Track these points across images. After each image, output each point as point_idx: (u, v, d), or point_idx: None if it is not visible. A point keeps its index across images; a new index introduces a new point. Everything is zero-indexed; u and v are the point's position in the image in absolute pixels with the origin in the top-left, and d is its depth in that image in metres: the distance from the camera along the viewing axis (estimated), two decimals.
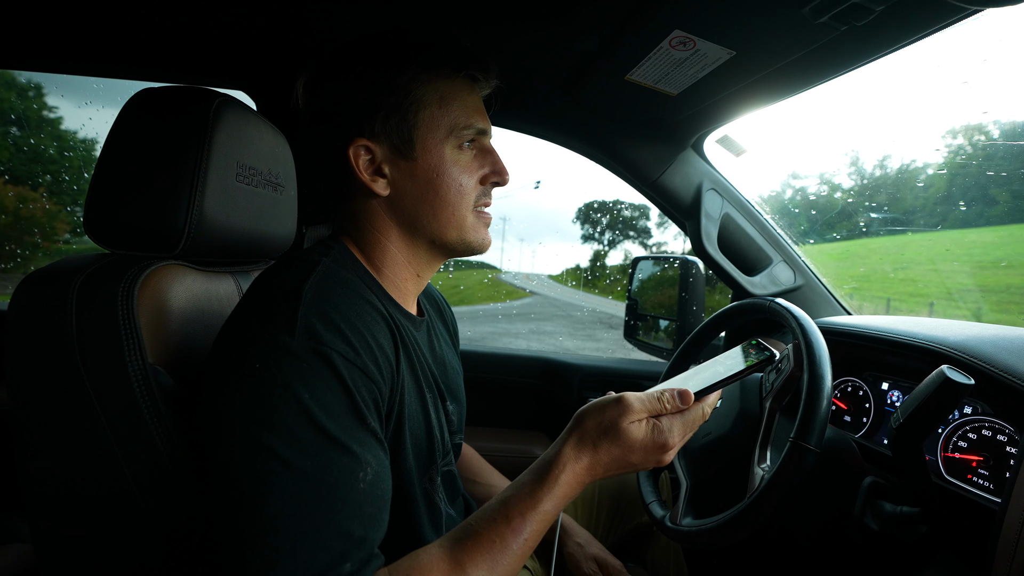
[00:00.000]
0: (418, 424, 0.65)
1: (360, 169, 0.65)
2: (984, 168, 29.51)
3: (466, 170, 0.67)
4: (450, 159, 0.66)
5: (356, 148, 0.64)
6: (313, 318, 0.53)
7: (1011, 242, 17.22)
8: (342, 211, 0.70)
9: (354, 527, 0.49)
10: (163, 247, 0.65)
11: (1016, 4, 0.56)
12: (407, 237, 0.69)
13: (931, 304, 14.83)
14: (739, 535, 0.71)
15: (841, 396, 1.14)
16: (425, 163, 0.65)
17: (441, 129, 0.65)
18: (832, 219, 32.67)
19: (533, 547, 0.56)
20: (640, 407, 0.59)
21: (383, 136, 0.64)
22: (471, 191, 0.68)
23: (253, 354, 0.52)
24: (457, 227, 0.68)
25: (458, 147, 0.67)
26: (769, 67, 0.85)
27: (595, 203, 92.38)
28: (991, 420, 0.86)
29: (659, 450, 0.59)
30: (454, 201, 0.66)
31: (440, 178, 0.65)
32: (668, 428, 0.59)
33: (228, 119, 0.68)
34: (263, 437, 0.49)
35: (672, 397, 0.60)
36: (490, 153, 0.70)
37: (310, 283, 0.56)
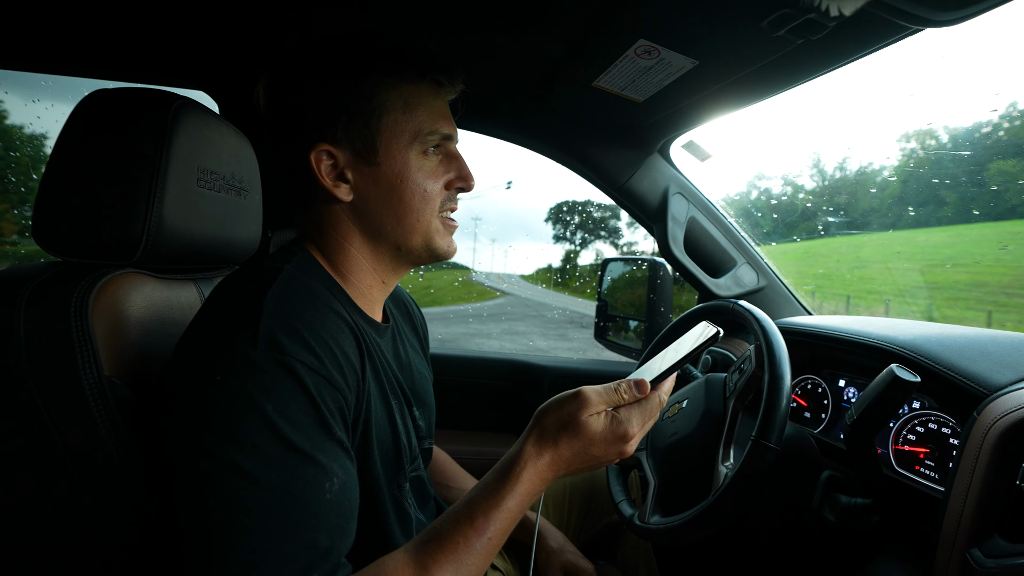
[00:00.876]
0: (384, 431, 0.65)
1: (322, 174, 0.63)
2: (933, 173, 30.99)
3: (431, 175, 0.67)
4: (414, 164, 0.65)
5: (318, 153, 0.63)
6: (275, 328, 0.52)
7: (958, 242, 18.17)
8: (305, 216, 0.69)
9: (320, 538, 0.49)
10: (119, 255, 0.63)
11: (951, 25, 0.60)
12: (371, 243, 0.68)
13: (887, 301, 15.52)
14: (704, 532, 0.73)
15: (801, 393, 1.18)
16: (389, 169, 0.64)
17: (405, 134, 0.64)
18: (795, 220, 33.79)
19: (499, 545, 0.56)
20: (598, 399, 0.60)
21: (345, 141, 0.63)
22: (436, 196, 0.67)
23: (214, 366, 0.51)
24: (422, 233, 0.67)
25: (423, 152, 0.66)
26: (731, 77, 0.88)
27: (567, 204, 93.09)
28: (936, 414, 0.90)
29: (620, 441, 0.59)
30: (418, 207, 0.66)
31: (404, 184, 0.65)
32: (627, 419, 0.60)
33: (188, 123, 0.66)
34: (225, 451, 0.48)
35: (629, 387, 0.61)
36: (456, 158, 0.70)
37: (272, 292, 0.55)
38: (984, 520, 0.65)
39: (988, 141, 23.94)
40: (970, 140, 26.86)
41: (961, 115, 50.00)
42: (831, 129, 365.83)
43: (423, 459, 0.78)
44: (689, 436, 0.88)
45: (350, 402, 0.57)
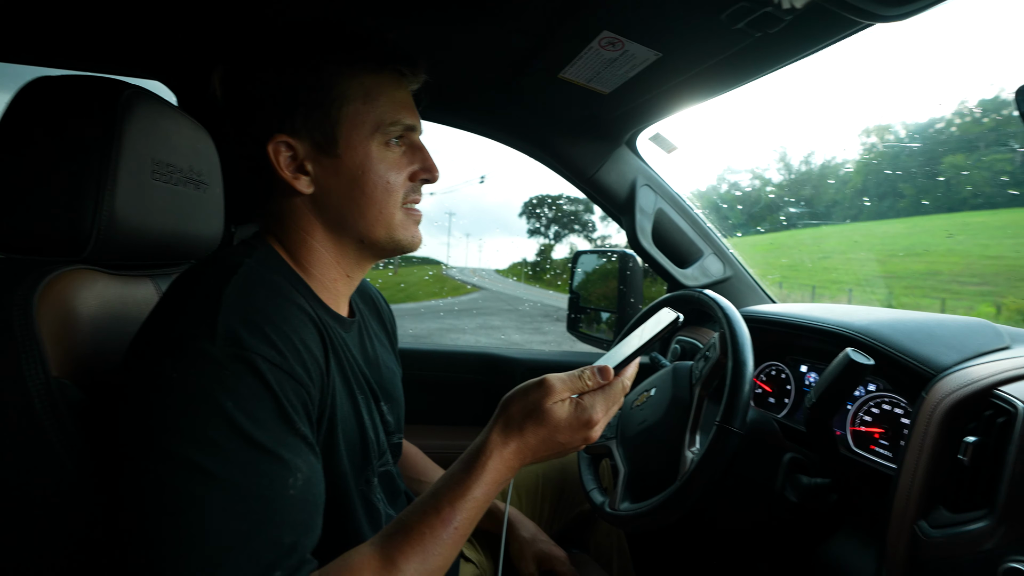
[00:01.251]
0: (351, 427, 0.64)
1: (281, 166, 0.62)
2: (891, 167, 32.20)
3: (393, 167, 0.66)
4: (376, 156, 0.64)
5: (276, 145, 0.62)
6: (235, 323, 0.51)
7: (915, 232, 18.98)
8: (266, 210, 0.67)
9: (284, 535, 0.48)
10: (68, 250, 0.60)
11: (899, 20, 0.62)
12: (334, 236, 0.67)
13: (850, 290, 16.12)
14: (672, 516, 0.74)
15: (766, 379, 1.21)
16: (350, 160, 0.63)
17: (366, 125, 0.63)
18: (761, 212, 34.64)
19: (466, 535, 0.56)
20: (562, 387, 0.60)
21: (304, 132, 0.62)
22: (399, 188, 0.66)
23: (170, 362, 0.49)
24: (385, 225, 0.66)
25: (385, 144, 0.65)
26: (694, 69, 0.89)
27: (540, 197, 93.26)
28: (890, 395, 0.95)
29: (584, 427, 0.60)
30: (381, 199, 0.65)
31: (366, 175, 0.64)
32: (591, 405, 0.60)
33: (140, 112, 0.64)
34: (184, 450, 0.47)
35: (593, 373, 0.62)
36: (420, 150, 0.69)
37: (231, 286, 0.54)
38: (930, 493, 0.68)
39: (941, 136, 25.04)
40: (924, 135, 28.09)
41: (917, 111, 52.80)
42: (797, 124, 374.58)
43: (392, 454, 0.77)
44: (657, 423, 0.90)
45: (314, 397, 0.56)
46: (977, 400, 0.68)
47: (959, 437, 0.67)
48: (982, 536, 0.59)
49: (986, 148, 17.14)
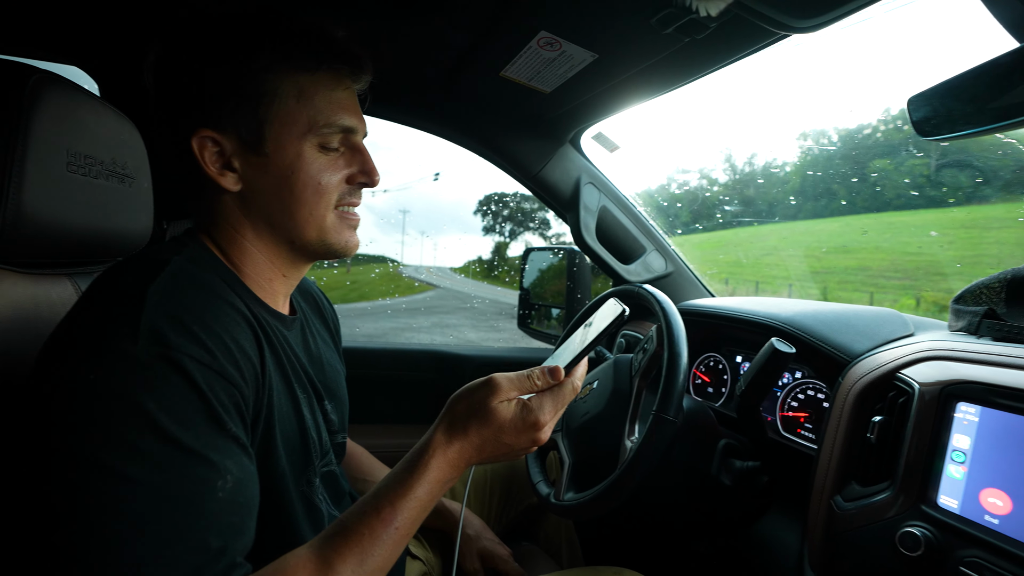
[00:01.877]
0: (290, 426, 0.63)
1: (206, 162, 0.60)
2: (827, 168, 34.17)
3: (327, 169, 0.63)
4: (308, 157, 0.62)
5: (201, 139, 0.59)
6: (160, 322, 0.49)
7: (848, 231, 20.28)
8: (197, 206, 0.65)
9: (211, 539, 0.47)
10: None
11: (811, 31, 0.67)
12: (265, 236, 0.64)
13: (790, 285, 17.02)
14: (613, 503, 0.77)
15: (705, 370, 1.27)
16: (279, 159, 0.61)
17: (298, 125, 0.61)
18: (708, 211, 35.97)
19: (408, 535, 0.56)
20: (509, 386, 0.59)
21: (231, 128, 0.59)
22: (332, 190, 0.64)
23: (88, 364, 0.47)
24: (316, 228, 0.64)
25: (319, 145, 0.62)
26: (629, 71, 0.92)
27: (495, 195, 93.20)
28: (813, 381, 1.01)
29: (532, 428, 0.59)
30: (311, 200, 0.63)
31: (295, 175, 0.61)
32: (538, 406, 0.59)
33: (51, 100, 0.60)
34: (102, 455, 0.44)
35: (542, 374, 0.61)
36: (359, 152, 0.66)
37: (157, 284, 0.52)
38: (845, 470, 0.74)
39: (868, 142, 26.88)
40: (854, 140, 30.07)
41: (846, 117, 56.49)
42: (741, 127, 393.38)
43: (336, 454, 0.76)
44: (599, 415, 0.92)
45: (248, 397, 0.55)
46: (883, 383, 0.74)
47: (868, 417, 0.73)
48: (885, 506, 0.64)
49: (906, 153, 18.65)
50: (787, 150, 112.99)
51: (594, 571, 0.89)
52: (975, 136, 0.58)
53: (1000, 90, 0.53)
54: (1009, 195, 12.32)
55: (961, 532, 0.57)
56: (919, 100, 0.60)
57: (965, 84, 0.56)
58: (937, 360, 0.69)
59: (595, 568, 0.90)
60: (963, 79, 0.56)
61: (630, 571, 0.89)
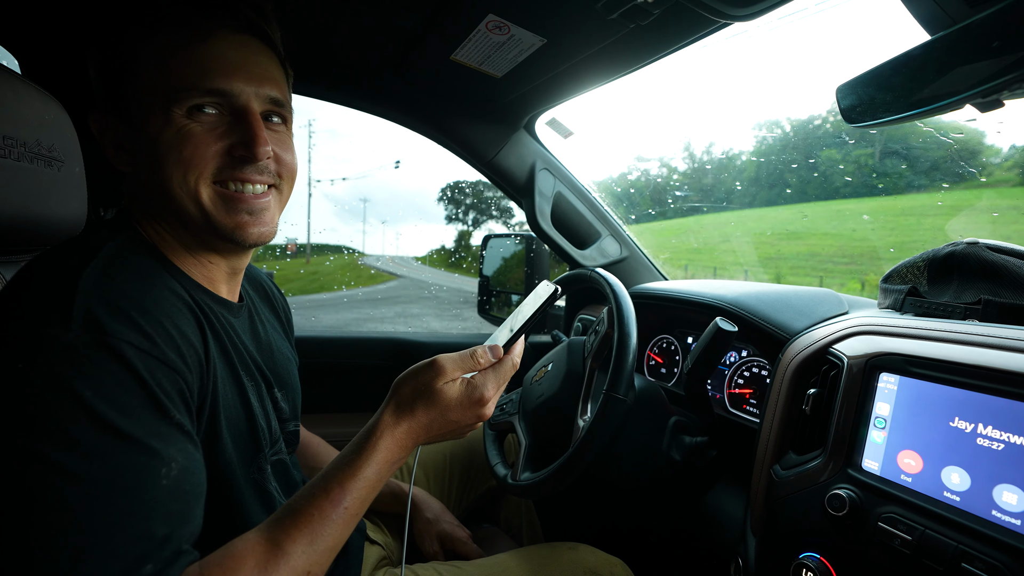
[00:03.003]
0: (236, 414, 0.62)
1: (104, 144, 0.60)
2: (780, 157, 35.37)
3: (192, 138, 0.57)
4: (173, 127, 0.56)
5: (95, 123, 0.60)
6: (95, 308, 0.47)
7: (799, 218, 21.14)
8: (124, 190, 0.64)
9: (155, 527, 0.46)
10: None
11: (748, 20, 0.69)
12: (163, 217, 0.61)
13: (746, 271, 17.65)
14: (567, 480, 0.79)
15: (658, 351, 1.31)
16: (146, 133, 0.57)
17: (158, 94, 0.56)
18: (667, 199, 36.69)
19: (358, 515, 0.56)
20: (453, 367, 0.61)
21: (112, 108, 0.59)
22: (200, 163, 0.57)
23: (15, 353, 0.45)
24: (193, 204, 0.58)
25: (187, 113, 0.56)
26: (578, 56, 0.93)
27: (457, 183, 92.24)
28: (756, 359, 1.06)
29: (477, 404, 0.62)
30: (177, 174, 0.57)
31: (157, 148, 0.57)
32: (482, 383, 0.62)
33: None
34: (33, 445, 0.43)
35: (484, 352, 0.64)
36: (241, 120, 0.58)
37: (90, 269, 0.50)
38: (782, 441, 0.78)
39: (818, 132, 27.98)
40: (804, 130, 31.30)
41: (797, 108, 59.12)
42: (699, 117, 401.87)
43: (287, 442, 0.75)
44: (554, 396, 0.94)
45: (192, 384, 0.54)
46: (817, 357, 0.78)
47: (804, 390, 0.77)
48: (817, 471, 0.69)
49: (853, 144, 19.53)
50: (743, 140, 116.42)
51: (550, 547, 0.92)
52: (896, 123, 0.62)
53: (915, 80, 0.56)
54: (933, 183, 13.12)
55: (881, 491, 0.61)
56: (846, 88, 0.63)
57: (886, 74, 0.59)
58: (864, 335, 0.73)
59: (551, 544, 0.93)
60: (884, 69, 0.59)
61: (585, 546, 0.92)
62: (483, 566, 0.87)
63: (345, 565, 0.78)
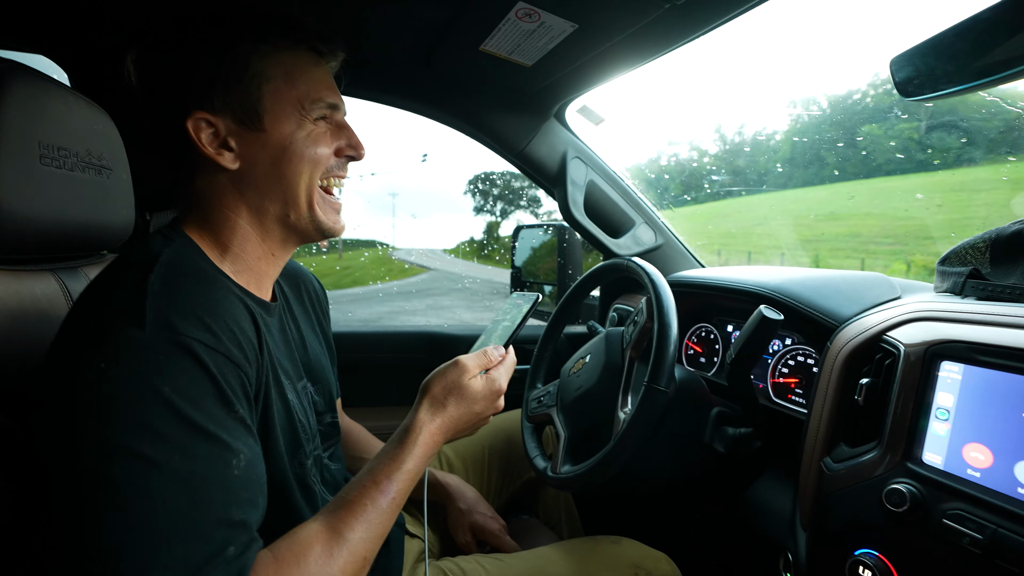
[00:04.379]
0: (280, 409, 0.64)
1: (203, 143, 0.62)
2: (817, 135, 33.98)
3: (318, 142, 0.67)
4: (303, 131, 0.66)
5: (196, 121, 0.62)
6: (165, 309, 0.51)
7: (838, 198, 20.31)
8: (185, 193, 0.66)
9: (233, 512, 0.49)
10: None
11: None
12: (258, 213, 0.67)
13: (782, 255, 17.10)
14: (608, 473, 0.78)
15: (697, 340, 1.28)
16: (277, 133, 0.64)
17: (290, 102, 0.65)
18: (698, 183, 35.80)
19: (401, 503, 0.62)
20: (473, 365, 0.71)
21: (226, 109, 0.63)
22: (324, 162, 0.68)
23: (97, 353, 0.48)
24: (307, 202, 0.67)
25: (311, 121, 0.66)
26: (610, 40, 0.90)
27: (484, 175, 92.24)
28: (802, 347, 1.03)
29: (495, 396, 0.72)
30: (306, 171, 0.66)
31: (292, 147, 0.65)
32: (498, 376, 0.73)
33: (19, 91, 0.59)
34: (121, 439, 0.45)
35: (494, 350, 0.75)
36: (344, 127, 0.70)
37: (154, 275, 0.53)
38: (833, 432, 0.75)
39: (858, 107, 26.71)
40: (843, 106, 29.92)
41: (836, 83, 55.83)
42: (729, 97, 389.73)
43: (324, 435, 0.77)
44: (592, 388, 0.93)
45: (251, 378, 0.57)
46: (870, 345, 0.75)
47: (856, 380, 0.74)
48: (872, 465, 0.66)
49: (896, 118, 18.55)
50: (776, 119, 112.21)
51: (593, 540, 0.91)
52: (958, 95, 0.58)
53: (981, 47, 0.52)
54: (995, 156, 12.30)
55: (945, 486, 0.58)
56: (901, 60, 0.59)
57: (947, 42, 0.55)
58: (922, 321, 0.70)
59: (593, 538, 0.92)
60: (944, 37, 0.55)
61: (629, 539, 0.92)
62: (525, 559, 0.88)
63: (388, 558, 0.81)
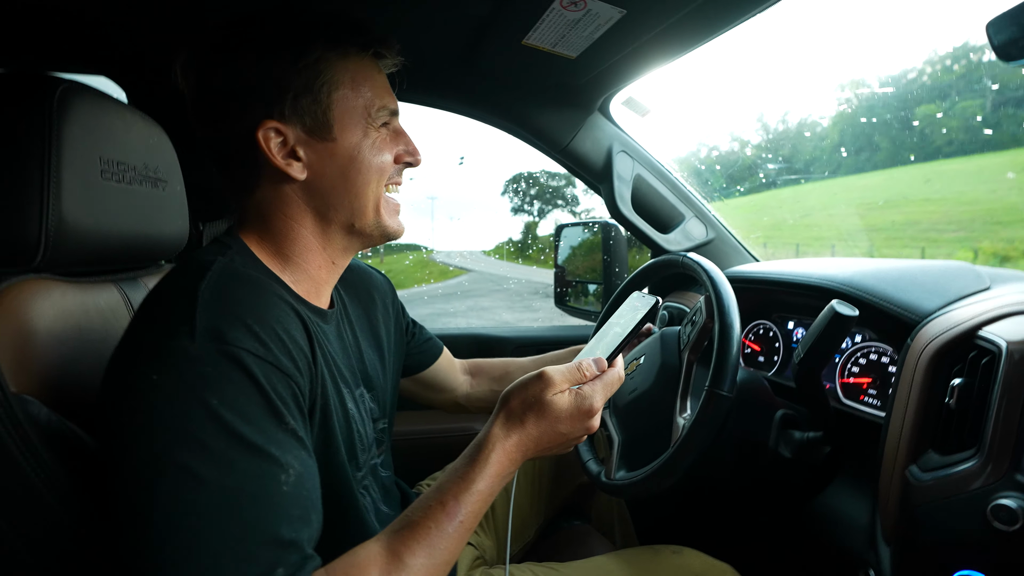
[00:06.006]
0: (339, 419, 0.63)
1: (272, 153, 0.61)
2: (868, 118, 32.32)
3: (383, 149, 0.66)
4: (369, 139, 0.65)
5: (266, 131, 0.60)
6: (214, 319, 0.50)
7: (892, 184, 19.22)
8: (244, 203, 0.66)
9: (282, 531, 0.47)
10: (17, 260, 0.57)
11: None
12: (323, 223, 0.66)
13: (832, 246, 16.31)
14: (667, 482, 0.74)
15: (754, 338, 1.22)
16: (346, 142, 0.64)
17: (357, 109, 0.64)
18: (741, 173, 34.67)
19: (471, 528, 0.56)
20: (561, 379, 0.61)
21: (295, 118, 0.61)
22: (387, 170, 0.67)
23: (150, 365, 0.48)
24: (374, 209, 0.67)
25: (374, 128, 0.66)
26: (660, 25, 0.86)
27: (521, 175, 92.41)
28: (876, 344, 0.95)
29: (585, 416, 0.61)
30: (374, 180, 0.66)
31: (361, 156, 0.64)
32: (591, 394, 0.61)
33: (79, 109, 0.60)
34: (170, 452, 0.45)
35: (589, 365, 0.64)
36: (402, 134, 0.70)
37: (205, 283, 0.53)
38: (919, 438, 0.69)
39: (914, 86, 25.18)
40: (897, 86, 28.22)
41: (889, 62, 52.45)
42: (772, 83, 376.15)
43: (378, 443, 0.76)
44: (648, 391, 0.89)
45: (303, 388, 0.55)
46: (961, 343, 0.68)
47: (945, 380, 0.67)
48: (971, 476, 0.59)
49: (958, 95, 17.32)
50: (823, 104, 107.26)
51: (653, 550, 0.87)
52: None
53: None
54: None
55: None
56: (1001, 22, 0.53)
57: None
58: None
59: (652, 548, 0.88)
60: None
61: (690, 550, 0.87)
62: (581, 569, 0.85)
63: None
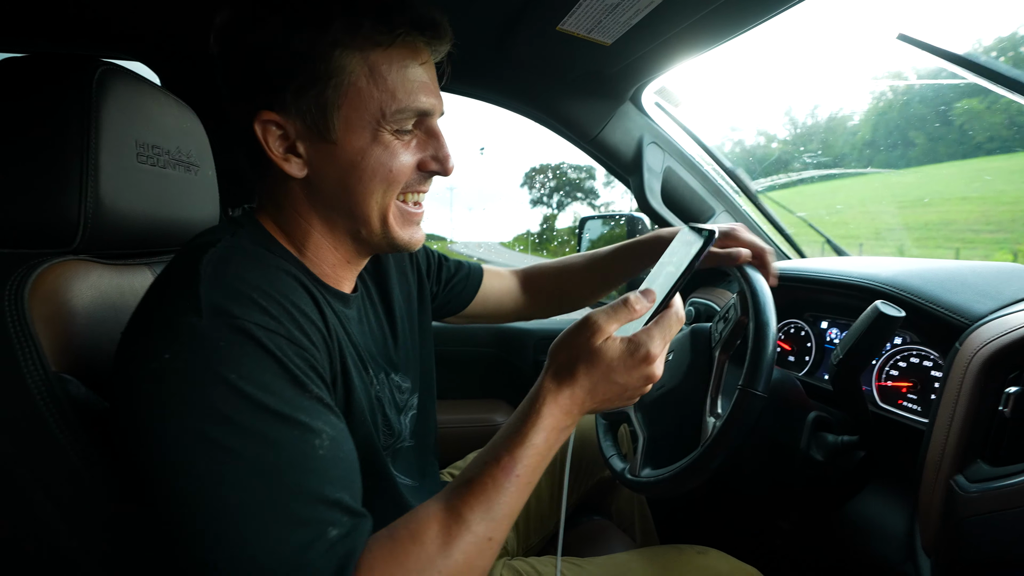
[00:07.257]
0: (363, 398, 0.62)
1: (270, 147, 0.57)
2: (901, 114, 31.25)
3: (398, 155, 0.58)
4: (380, 143, 0.57)
5: (263, 123, 0.56)
6: (217, 294, 0.49)
7: (927, 182, 18.56)
8: (261, 189, 0.64)
9: (327, 491, 0.47)
10: (57, 242, 0.58)
11: None
12: (329, 224, 0.62)
13: (860, 245, 15.85)
14: (694, 482, 0.73)
15: (785, 338, 1.18)
16: (348, 146, 0.57)
17: (368, 112, 0.56)
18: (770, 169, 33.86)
19: (530, 483, 0.54)
20: (607, 321, 0.56)
21: (295, 111, 0.56)
22: (402, 178, 0.59)
23: (160, 344, 0.47)
24: (380, 220, 0.61)
25: (392, 132, 0.57)
26: (699, 12, 0.83)
27: (541, 167, 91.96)
28: (919, 348, 0.91)
29: (643, 363, 0.56)
30: (378, 190, 0.59)
31: (364, 164, 0.57)
32: (647, 339, 0.56)
33: (117, 91, 0.60)
34: (195, 428, 0.45)
35: (638, 298, 0.57)
36: (435, 137, 0.61)
37: (207, 258, 0.51)
38: (968, 447, 0.66)
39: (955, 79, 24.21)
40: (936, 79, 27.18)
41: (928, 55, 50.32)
42: (803, 76, 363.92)
43: (413, 421, 0.75)
44: (677, 388, 0.88)
45: (320, 360, 0.54)
46: (1018, 349, 0.64)
47: (998, 388, 0.64)
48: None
49: None
50: (855, 97, 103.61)
51: (677, 550, 0.86)
52: None
53: None
54: None
55: None
56: None
57: None
58: None
59: (677, 547, 0.87)
60: None
61: (716, 551, 0.85)
62: (604, 565, 0.83)
63: None
